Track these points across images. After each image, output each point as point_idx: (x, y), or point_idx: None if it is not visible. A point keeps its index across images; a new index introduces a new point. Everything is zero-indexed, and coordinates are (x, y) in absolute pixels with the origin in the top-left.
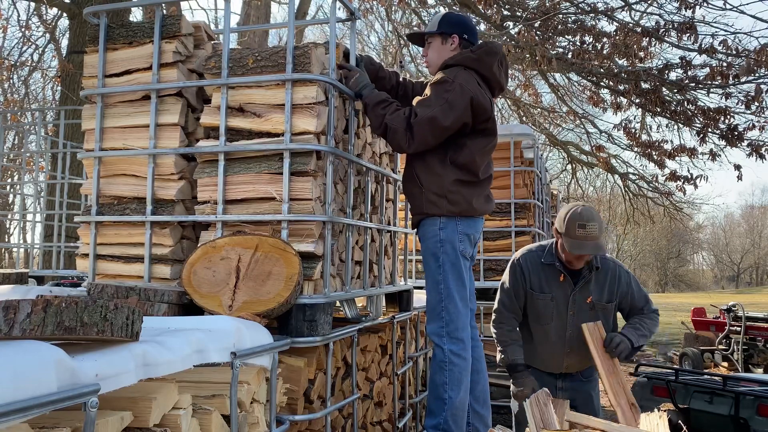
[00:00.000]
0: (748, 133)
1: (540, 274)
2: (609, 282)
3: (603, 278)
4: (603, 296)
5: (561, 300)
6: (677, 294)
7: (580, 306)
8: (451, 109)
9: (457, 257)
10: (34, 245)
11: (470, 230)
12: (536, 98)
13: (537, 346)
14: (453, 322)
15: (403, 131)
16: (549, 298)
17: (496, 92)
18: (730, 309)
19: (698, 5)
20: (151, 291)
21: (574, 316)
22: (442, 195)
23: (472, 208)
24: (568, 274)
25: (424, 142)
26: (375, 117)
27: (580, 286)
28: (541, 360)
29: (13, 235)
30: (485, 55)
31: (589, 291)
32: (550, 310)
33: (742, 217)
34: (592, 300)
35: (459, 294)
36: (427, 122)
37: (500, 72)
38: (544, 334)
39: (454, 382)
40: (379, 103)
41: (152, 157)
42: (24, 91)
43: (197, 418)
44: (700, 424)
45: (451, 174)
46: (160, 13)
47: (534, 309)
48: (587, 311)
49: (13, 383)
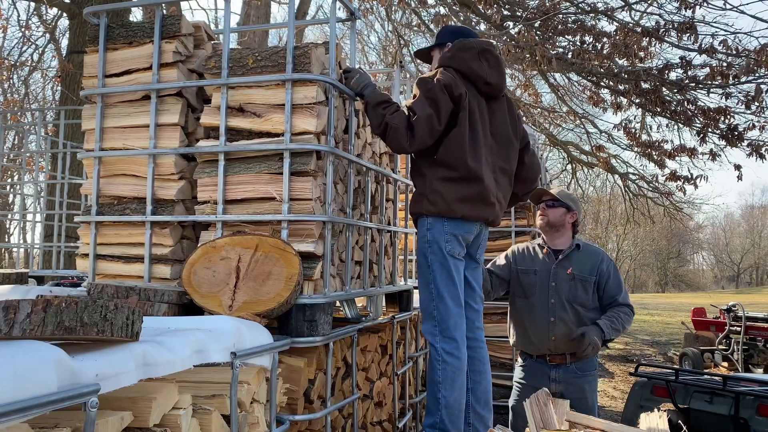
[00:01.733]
0: (748, 133)
1: (525, 254)
2: (591, 260)
3: (585, 256)
4: (584, 270)
5: (543, 273)
6: (677, 294)
7: (561, 277)
8: (437, 106)
9: (444, 257)
10: (34, 245)
11: (458, 230)
12: (536, 98)
13: (526, 324)
14: (444, 321)
15: (404, 129)
16: (533, 272)
17: (480, 86)
18: (730, 309)
19: (698, 5)
20: (151, 291)
21: (556, 287)
22: (423, 194)
23: (451, 210)
24: (551, 251)
25: (423, 141)
26: (375, 116)
27: (561, 259)
28: (531, 338)
29: (13, 235)
30: (458, 51)
31: (570, 264)
32: (534, 282)
33: (742, 217)
34: (572, 271)
35: (449, 293)
36: (426, 120)
37: (481, 65)
38: (530, 308)
39: (447, 381)
40: (380, 103)
41: (152, 157)
42: (24, 91)
43: (197, 418)
44: (700, 424)
45: (435, 173)
46: (160, 13)
47: (520, 285)
48: (567, 281)
49: (13, 383)
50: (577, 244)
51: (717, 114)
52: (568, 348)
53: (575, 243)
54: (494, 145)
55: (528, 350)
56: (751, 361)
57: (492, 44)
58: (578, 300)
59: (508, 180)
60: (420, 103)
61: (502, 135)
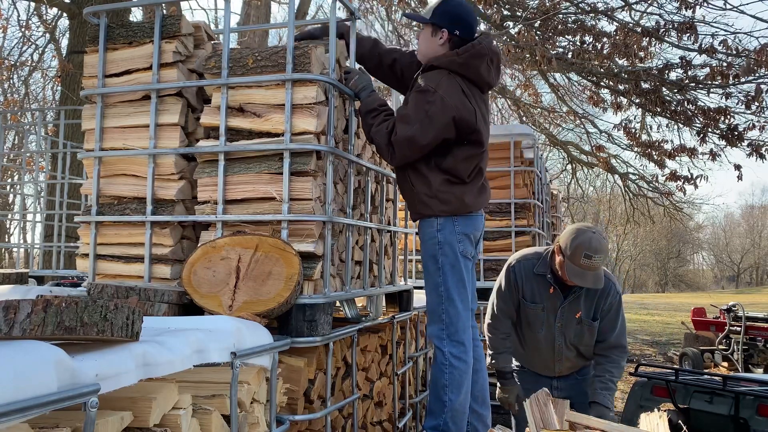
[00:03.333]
0: (748, 133)
1: (532, 284)
2: (597, 300)
3: (592, 295)
4: (590, 314)
5: (550, 311)
6: (677, 294)
7: (568, 319)
8: (430, 125)
9: (456, 259)
10: (34, 245)
11: (469, 229)
12: (536, 98)
13: (529, 352)
14: (453, 325)
15: (386, 146)
16: (540, 308)
17: (485, 89)
18: (730, 309)
19: (698, 5)
20: (151, 291)
21: (562, 328)
22: (432, 196)
23: (465, 205)
24: (559, 287)
25: (405, 158)
26: (365, 125)
27: (570, 300)
28: (535, 364)
29: (13, 235)
30: (472, 58)
31: (579, 306)
32: (541, 319)
33: (742, 217)
34: (581, 315)
35: (459, 296)
36: (405, 142)
37: (489, 72)
38: (535, 341)
39: (454, 385)
40: (369, 112)
41: (152, 157)
42: (24, 91)
43: (197, 418)
44: (700, 424)
45: (438, 176)
46: (160, 13)
47: (525, 316)
48: (575, 325)
49: (13, 383)
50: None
51: (717, 114)
52: (574, 369)
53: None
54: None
55: (529, 367)
56: (751, 361)
57: (495, 46)
58: (584, 343)
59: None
60: (408, 118)
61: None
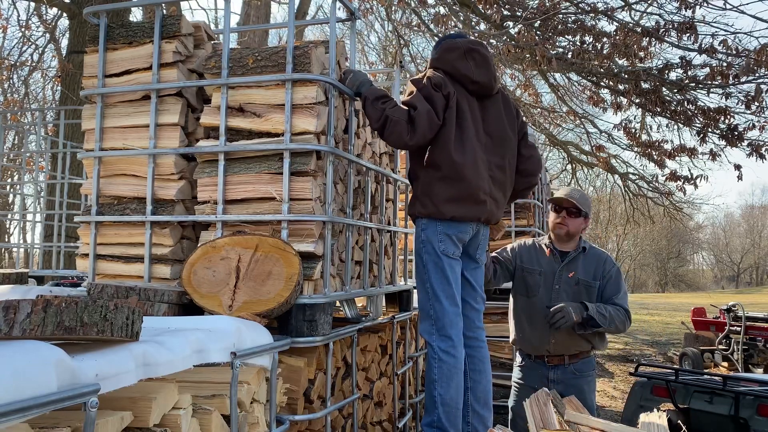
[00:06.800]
0: (748, 133)
1: (531, 252)
2: (596, 264)
3: (590, 260)
4: (589, 274)
5: (548, 274)
6: (677, 294)
7: (566, 280)
8: (432, 102)
9: (438, 257)
10: (34, 245)
11: (451, 231)
12: (536, 98)
13: (526, 324)
14: (440, 320)
15: (405, 123)
16: (537, 272)
17: (468, 85)
18: (730, 309)
19: (698, 5)
20: (151, 291)
21: (559, 290)
22: (416, 196)
23: (440, 212)
24: (557, 252)
25: (423, 135)
26: (374, 111)
27: (566, 262)
28: (530, 338)
29: (13, 235)
30: (444, 52)
31: (575, 268)
32: (538, 282)
33: (742, 217)
34: (575, 275)
35: (444, 292)
36: (426, 114)
37: (467, 64)
38: (531, 308)
39: (443, 379)
40: (379, 98)
41: (152, 157)
42: (24, 91)
43: (197, 418)
44: (700, 424)
45: (427, 174)
46: (160, 13)
47: (523, 283)
48: (572, 286)
49: (13, 383)
50: (583, 246)
51: (717, 114)
52: (567, 350)
53: (582, 245)
54: (489, 142)
55: (527, 350)
56: (751, 361)
57: (480, 43)
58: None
59: (507, 177)
60: (417, 98)
61: (498, 132)
